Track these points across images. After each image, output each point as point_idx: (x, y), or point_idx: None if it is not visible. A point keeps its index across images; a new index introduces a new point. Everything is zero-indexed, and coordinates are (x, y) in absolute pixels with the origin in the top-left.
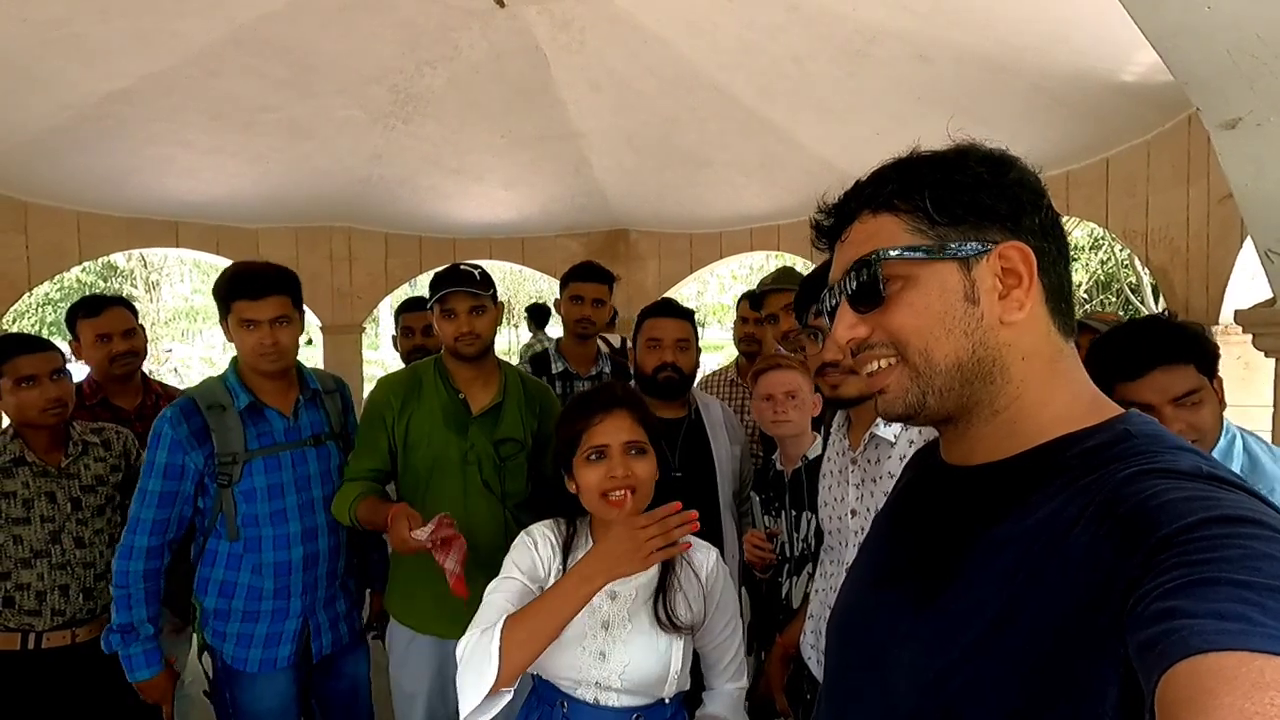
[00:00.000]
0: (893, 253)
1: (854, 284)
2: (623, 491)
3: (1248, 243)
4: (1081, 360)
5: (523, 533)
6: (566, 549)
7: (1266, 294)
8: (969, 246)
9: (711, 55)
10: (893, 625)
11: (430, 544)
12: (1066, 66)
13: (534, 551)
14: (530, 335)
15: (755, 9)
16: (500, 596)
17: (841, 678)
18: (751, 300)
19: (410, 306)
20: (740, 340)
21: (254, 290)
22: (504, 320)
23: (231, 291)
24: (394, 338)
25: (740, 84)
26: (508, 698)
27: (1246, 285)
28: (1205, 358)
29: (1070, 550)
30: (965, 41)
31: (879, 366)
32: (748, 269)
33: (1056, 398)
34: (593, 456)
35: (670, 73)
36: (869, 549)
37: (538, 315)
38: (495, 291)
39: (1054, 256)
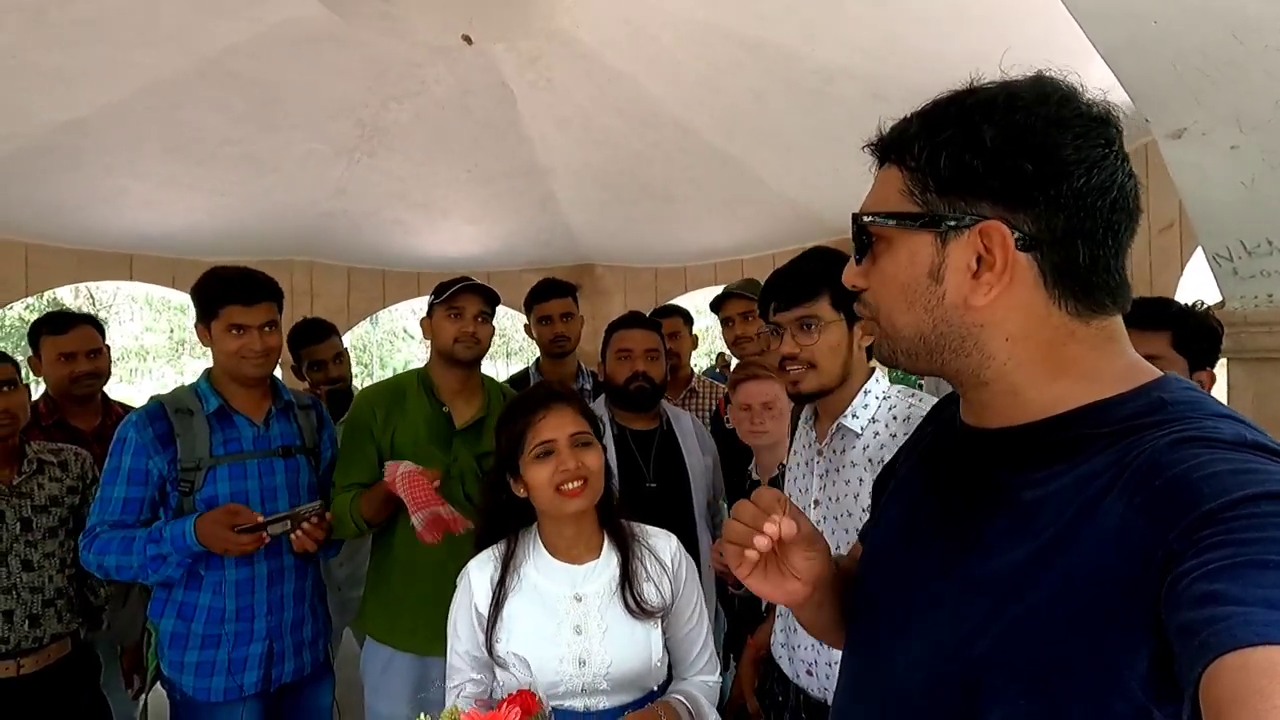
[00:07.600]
0: (866, 218)
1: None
2: (577, 482)
3: (1189, 268)
4: None
5: (459, 582)
6: (506, 563)
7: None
8: (951, 220)
9: (675, 92)
10: (918, 589)
11: (402, 489)
12: None
13: (467, 610)
14: None
15: (717, 48)
16: (458, 661)
17: (866, 642)
18: (712, 304)
19: (307, 339)
20: (733, 344)
21: (248, 296)
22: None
23: (223, 295)
24: (294, 369)
25: (703, 121)
26: None
27: None
28: (1183, 334)
29: (1103, 518)
30: (917, 81)
31: (866, 315)
32: None
33: (1067, 372)
34: (540, 454)
35: (635, 110)
36: (896, 511)
37: None
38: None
39: (1067, 233)
